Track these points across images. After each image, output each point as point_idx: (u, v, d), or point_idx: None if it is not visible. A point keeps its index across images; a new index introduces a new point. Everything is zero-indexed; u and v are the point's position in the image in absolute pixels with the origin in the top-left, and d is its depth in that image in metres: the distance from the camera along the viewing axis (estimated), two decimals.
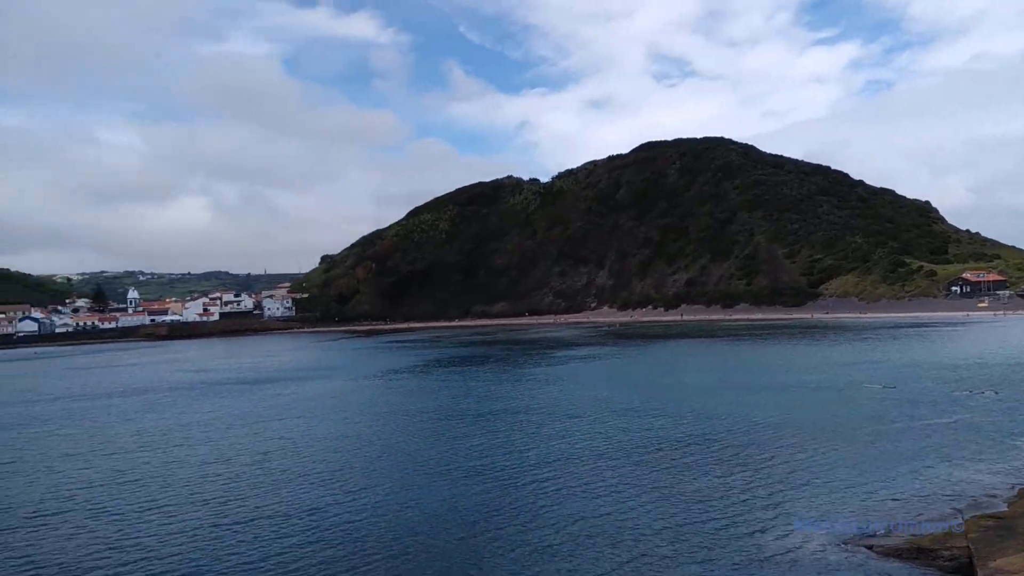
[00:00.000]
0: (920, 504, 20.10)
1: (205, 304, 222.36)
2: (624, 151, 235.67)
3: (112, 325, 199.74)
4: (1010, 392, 38.22)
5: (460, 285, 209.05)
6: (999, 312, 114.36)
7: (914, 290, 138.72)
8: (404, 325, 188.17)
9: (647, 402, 40.64)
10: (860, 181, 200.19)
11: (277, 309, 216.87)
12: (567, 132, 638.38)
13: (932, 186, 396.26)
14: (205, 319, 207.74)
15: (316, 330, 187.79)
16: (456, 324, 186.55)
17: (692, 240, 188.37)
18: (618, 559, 17.13)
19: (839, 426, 31.18)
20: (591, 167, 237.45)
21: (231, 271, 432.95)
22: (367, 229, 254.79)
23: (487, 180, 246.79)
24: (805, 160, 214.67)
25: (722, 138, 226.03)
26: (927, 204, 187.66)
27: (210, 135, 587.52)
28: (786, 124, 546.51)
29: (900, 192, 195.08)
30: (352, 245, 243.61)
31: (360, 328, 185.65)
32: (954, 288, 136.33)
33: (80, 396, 57.74)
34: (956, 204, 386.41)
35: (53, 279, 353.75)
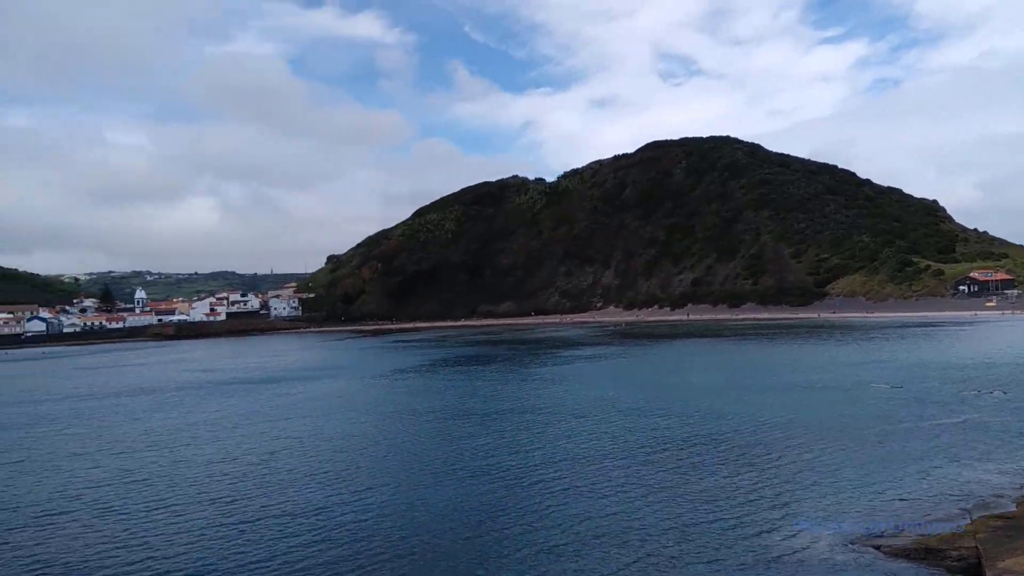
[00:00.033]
0: (928, 504, 20.01)
1: (212, 304, 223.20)
2: (630, 150, 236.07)
3: (119, 325, 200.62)
4: (1019, 392, 38.02)
5: (466, 285, 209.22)
6: (1007, 311, 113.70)
7: (921, 289, 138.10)
8: (410, 325, 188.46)
9: (653, 402, 40.58)
10: (867, 180, 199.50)
11: (283, 309, 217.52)
12: (572, 132, 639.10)
13: (940, 185, 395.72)
14: (212, 319, 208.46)
15: (322, 330, 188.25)
16: (462, 324, 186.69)
17: (698, 239, 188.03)
18: (625, 559, 17.10)
19: (846, 426, 31.07)
20: (596, 167, 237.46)
21: (238, 271, 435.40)
22: (373, 229, 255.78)
23: (492, 180, 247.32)
24: (812, 159, 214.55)
25: (728, 137, 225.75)
26: (934, 203, 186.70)
27: (217, 135, 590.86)
28: (792, 123, 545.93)
29: (907, 191, 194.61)
30: (358, 245, 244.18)
31: (366, 328, 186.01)
32: (962, 287, 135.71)
33: (88, 396, 57.99)
34: (964, 203, 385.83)
35: (61, 279, 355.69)
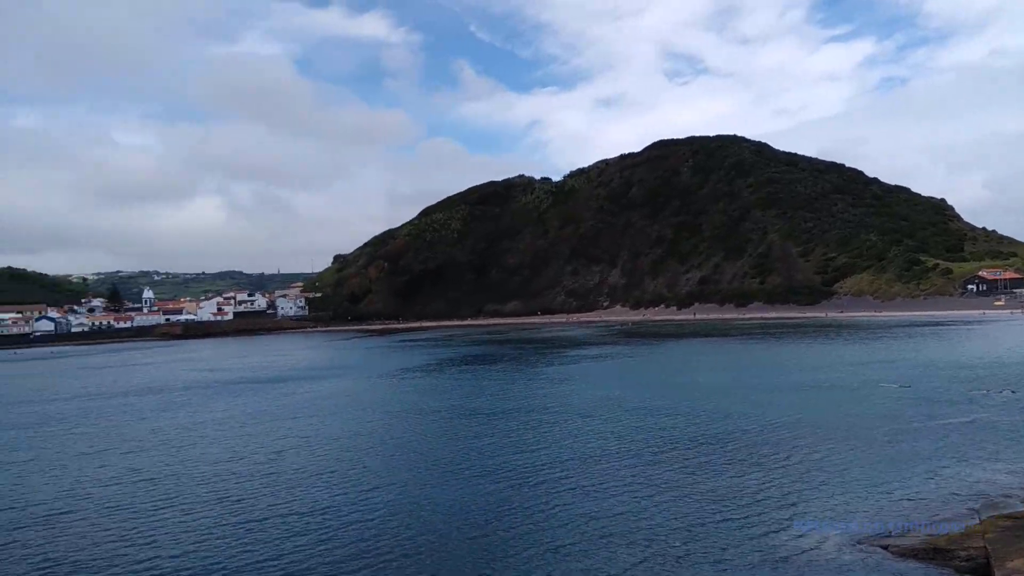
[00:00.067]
0: (936, 504, 19.91)
1: (219, 304, 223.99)
2: (636, 149, 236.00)
3: (127, 324, 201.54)
4: None
5: (472, 284, 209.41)
6: (1016, 310, 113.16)
7: (929, 288, 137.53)
8: (416, 324, 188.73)
9: (660, 401, 40.50)
10: (875, 179, 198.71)
11: (290, 308, 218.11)
12: (578, 131, 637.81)
13: (948, 183, 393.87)
14: (219, 318, 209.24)
15: (329, 329, 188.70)
16: (468, 323, 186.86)
17: (705, 238, 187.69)
18: (632, 559, 17.06)
19: (854, 425, 30.95)
20: (603, 166, 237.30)
21: (245, 271, 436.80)
22: (379, 228, 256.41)
23: (499, 179, 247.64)
24: (819, 158, 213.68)
25: (735, 136, 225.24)
26: (942, 201, 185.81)
27: (224, 135, 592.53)
28: (799, 122, 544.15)
29: (915, 190, 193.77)
30: (364, 244, 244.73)
31: (372, 327, 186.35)
32: (970, 286, 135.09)
33: (96, 395, 58.25)
34: (972, 201, 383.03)
35: (69, 279, 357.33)
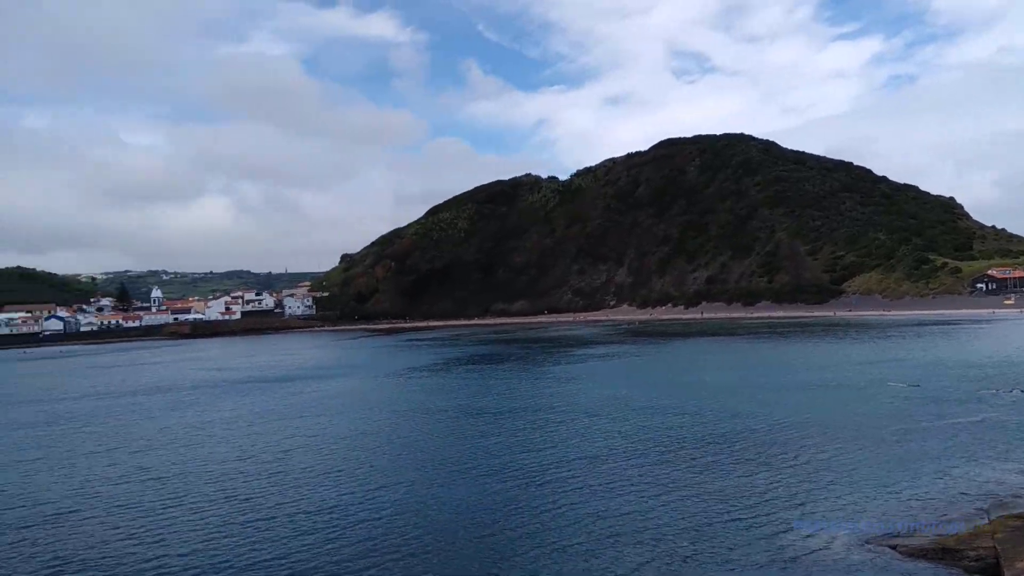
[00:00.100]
0: (945, 504, 19.80)
1: (227, 303, 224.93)
2: (643, 148, 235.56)
3: (136, 324, 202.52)
4: None
5: (479, 283, 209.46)
6: None
7: (938, 287, 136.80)
8: (423, 323, 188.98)
9: (667, 400, 40.42)
10: (883, 177, 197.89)
11: (298, 308, 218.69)
12: (585, 130, 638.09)
13: (957, 182, 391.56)
14: (227, 318, 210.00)
15: (336, 328, 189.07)
16: (475, 322, 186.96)
17: (712, 237, 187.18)
18: (639, 559, 17.03)
19: (863, 425, 30.81)
20: (610, 164, 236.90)
21: (253, 270, 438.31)
22: (386, 228, 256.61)
23: (506, 178, 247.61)
24: (827, 156, 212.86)
25: (742, 134, 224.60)
26: (951, 200, 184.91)
27: (231, 135, 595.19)
28: (807, 120, 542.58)
29: (924, 188, 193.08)
30: (371, 244, 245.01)
31: (380, 326, 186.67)
32: (979, 285, 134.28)
33: (105, 394, 58.53)
34: (981, 200, 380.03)
35: (78, 279, 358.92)
